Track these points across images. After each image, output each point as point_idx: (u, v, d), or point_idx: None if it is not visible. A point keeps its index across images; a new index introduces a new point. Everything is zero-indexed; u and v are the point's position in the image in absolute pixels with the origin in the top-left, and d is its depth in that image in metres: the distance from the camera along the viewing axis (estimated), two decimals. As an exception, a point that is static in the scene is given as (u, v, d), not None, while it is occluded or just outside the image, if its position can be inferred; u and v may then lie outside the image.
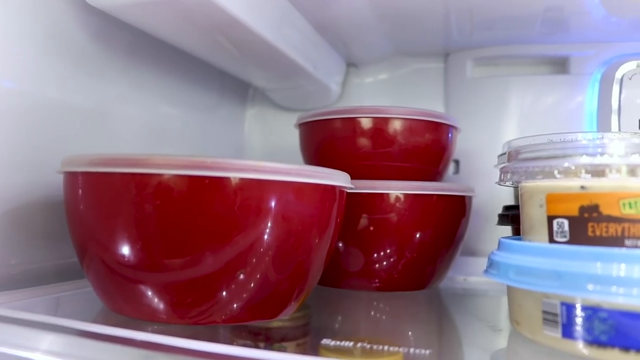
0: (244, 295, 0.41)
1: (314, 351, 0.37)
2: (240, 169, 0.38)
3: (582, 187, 0.37)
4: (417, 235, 0.58)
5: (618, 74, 0.71)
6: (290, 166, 0.40)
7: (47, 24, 0.53)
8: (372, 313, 0.52)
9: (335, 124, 0.61)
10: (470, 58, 0.79)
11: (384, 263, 0.58)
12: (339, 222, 0.47)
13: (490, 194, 0.72)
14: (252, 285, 0.41)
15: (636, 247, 0.36)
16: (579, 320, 0.34)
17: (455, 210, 0.60)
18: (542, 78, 0.77)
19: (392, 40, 0.77)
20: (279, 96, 0.84)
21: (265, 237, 0.40)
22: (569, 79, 0.75)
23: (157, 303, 0.40)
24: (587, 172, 0.37)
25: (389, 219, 0.57)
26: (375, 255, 0.58)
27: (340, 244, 0.58)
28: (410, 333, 0.45)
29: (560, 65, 0.77)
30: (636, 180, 0.36)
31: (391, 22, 0.71)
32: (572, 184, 0.38)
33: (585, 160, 0.37)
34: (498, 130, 0.77)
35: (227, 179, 0.38)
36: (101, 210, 0.40)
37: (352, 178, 0.56)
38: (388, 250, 0.58)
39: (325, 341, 0.38)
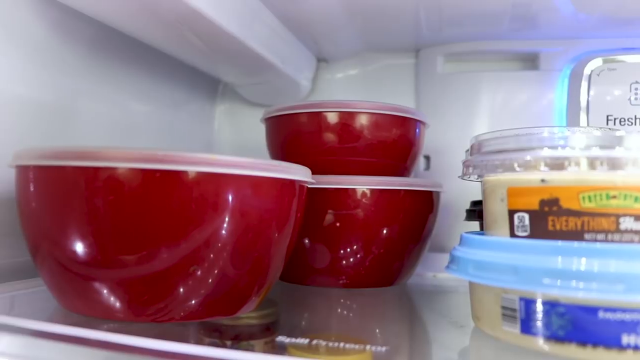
0: (202, 291, 0.40)
1: (282, 349, 0.36)
2: (192, 162, 0.37)
3: (543, 181, 0.37)
4: (384, 231, 0.57)
5: (586, 71, 0.71)
6: (245, 159, 0.39)
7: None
8: (337, 310, 0.52)
9: (300, 119, 0.60)
10: (440, 54, 0.78)
11: (351, 259, 0.57)
12: (299, 217, 0.46)
13: (460, 190, 0.71)
14: (210, 281, 0.40)
15: (595, 241, 0.36)
16: (537, 315, 0.34)
17: (422, 206, 0.59)
18: (512, 74, 0.77)
19: (363, 35, 0.76)
20: (249, 92, 0.83)
21: (222, 232, 0.39)
22: (539, 75, 0.75)
23: (113, 301, 0.39)
24: (546, 165, 0.36)
25: (355, 214, 0.56)
26: (342, 251, 0.57)
27: (306, 241, 0.57)
28: (371, 330, 0.44)
29: (530, 61, 0.77)
30: (596, 174, 0.36)
31: (361, 17, 0.70)
32: (532, 177, 0.38)
33: (545, 153, 0.37)
34: (469, 126, 0.77)
35: (179, 172, 0.37)
36: (52, 205, 0.38)
37: (317, 173, 0.56)
38: (354, 247, 0.57)
39: (280, 338, 0.37)
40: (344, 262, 0.57)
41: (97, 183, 0.36)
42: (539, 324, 0.34)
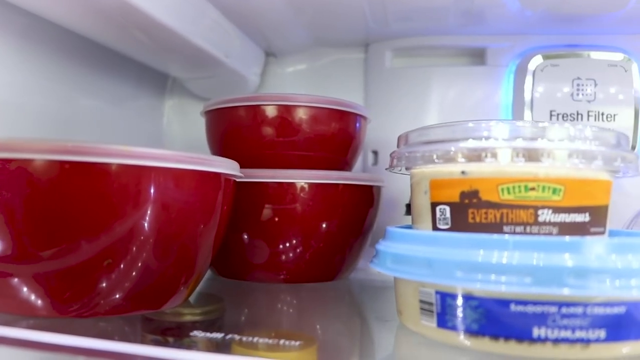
0: (126, 285, 0.39)
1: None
2: (103, 154, 0.36)
3: (463, 173, 0.37)
4: (323, 226, 0.56)
5: (531, 66, 0.71)
6: (166, 152, 0.38)
7: None
8: (272, 306, 0.51)
9: (239, 112, 0.59)
10: (389, 48, 0.78)
11: (290, 254, 0.57)
12: (226, 210, 0.45)
13: (407, 185, 0.71)
14: (133, 274, 0.39)
15: (514, 233, 0.36)
16: (452, 309, 0.33)
17: (362, 200, 0.59)
18: (461, 69, 0.77)
19: (311, 30, 0.76)
20: (197, 86, 0.82)
21: (144, 224, 0.38)
22: (486, 71, 0.75)
23: (34, 297, 0.38)
24: (463, 156, 0.36)
25: (294, 209, 0.56)
26: (281, 246, 0.56)
27: (245, 236, 0.57)
28: (295, 325, 0.44)
29: (478, 56, 0.77)
30: (515, 165, 0.36)
31: (308, 12, 0.69)
32: (453, 169, 0.37)
33: (463, 144, 0.36)
34: (418, 121, 0.76)
35: (93, 164, 0.36)
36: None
37: (256, 167, 0.55)
38: (293, 241, 0.56)
39: (194, 333, 0.36)
40: (284, 257, 0.57)
41: (5, 174, 0.35)
42: (454, 317, 0.33)
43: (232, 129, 0.60)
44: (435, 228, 0.38)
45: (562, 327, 0.31)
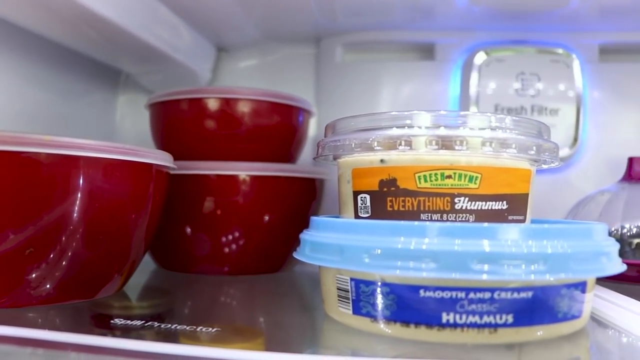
0: (57, 274, 0.40)
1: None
2: (33, 143, 0.36)
3: (382, 161, 0.37)
4: (265, 218, 0.57)
5: (476, 62, 0.71)
6: (97, 142, 0.39)
7: None
8: (206, 298, 0.50)
9: (181, 105, 0.59)
10: (339, 44, 0.78)
11: (233, 246, 0.57)
12: (158, 201, 0.46)
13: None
14: (63, 263, 0.39)
15: (431, 220, 0.36)
16: (365, 295, 0.34)
17: (304, 193, 0.59)
18: (411, 64, 0.77)
19: (261, 25, 0.76)
20: (149, 81, 0.82)
21: (73, 214, 0.39)
22: (435, 66, 0.76)
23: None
24: (380, 144, 0.36)
25: (235, 201, 0.56)
26: (224, 239, 0.57)
27: (188, 229, 0.57)
28: (225, 316, 0.44)
29: (427, 52, 0.78)
30: (432, 153, 0.36)
31: (258, 7, 0.69)
32: (373, 158, 0.38)
33: (381, 133, 0.37)
34: (369, 117, 0.77)
35: (18, 153, 0.36)
36: None
37: (199, 160, 0.55)
38: (236, 234, 0.57)
39: (115, 321, 0.36)
40: (227, 249, 0.57)
41: None
42: (368, 304, 0.34)
43: (175, 122, 0.60)
44: (357, 217, 0.39)
45: (470, 312, 0.31)
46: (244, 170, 0.55)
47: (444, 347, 0.32)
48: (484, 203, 0.36)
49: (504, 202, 0.37)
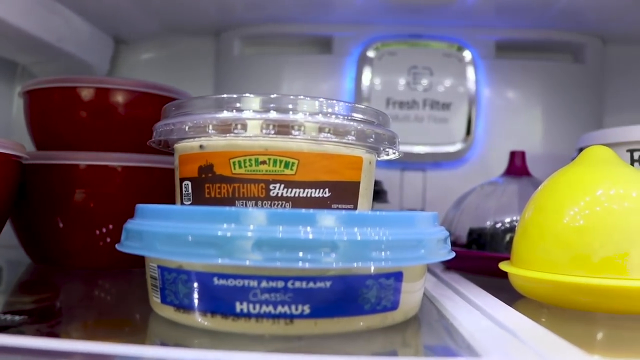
0: None
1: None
2: None
3: (201, 147, 0.36)
4: (138, 210, 0.55)
5: (370, 55, 0.71)
6: None
7: None
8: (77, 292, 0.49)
9: (54, 94, 0.57)
10: (238, 36, 0.77)
11: (108, 239, 0.55)
12: (4, 188, 0.44)
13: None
14: None
15: (245, 207, 0.35)
16: (169, 283, 0.32)
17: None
18: (309, 58, 0.77)
19: (158, 17, 0.74)
20: (42, 72, 0.79)
21: None
22: (333, 59, 0.75)
23: None
24: (191, 129, 0.35)
25: (107, 192, 0.54)
26: (97, 231, 0.55)
27: (60, 222, 0.55)
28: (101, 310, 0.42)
29: (325, 45, 0.77)
30: (246, 138, 0.35)
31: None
32: (194, 144, 0.36)
33: (200, 118, 0.35)
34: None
35: None
36: None
37: (73, 150, 0.54)
38: (110, 226, 0.55)
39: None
40: (101, 242, 0.55)
41: None
42: (171, 292, 0.32)
43: (47, 112, 0.58)
44: (182, 204, 0.38)
45: (264, 302, 0.30)
46: (115, 161, 0.54)
47: (241, 338, 0.31)
48: (301, 190, 0.35)
49: (326, 190, 0.36)
